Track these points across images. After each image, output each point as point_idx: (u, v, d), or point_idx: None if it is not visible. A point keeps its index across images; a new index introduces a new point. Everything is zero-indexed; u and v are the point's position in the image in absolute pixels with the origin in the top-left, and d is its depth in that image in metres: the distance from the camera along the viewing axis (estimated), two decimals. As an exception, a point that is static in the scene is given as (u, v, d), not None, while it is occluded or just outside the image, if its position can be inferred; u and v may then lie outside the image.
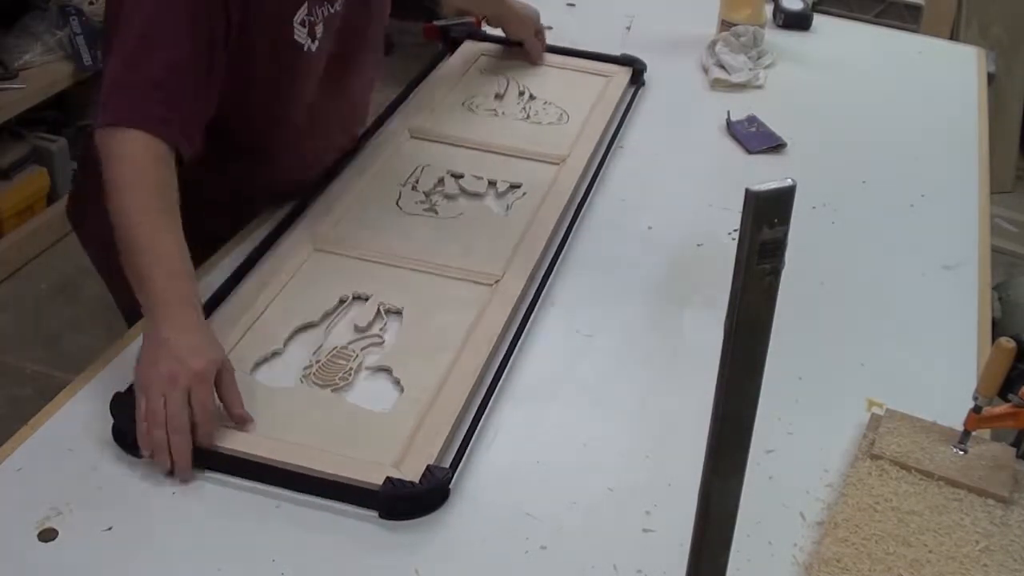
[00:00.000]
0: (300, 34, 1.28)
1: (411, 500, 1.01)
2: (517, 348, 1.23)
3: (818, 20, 2.15)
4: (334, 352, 1.19)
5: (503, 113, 1.71)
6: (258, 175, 1.40)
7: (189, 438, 1.03)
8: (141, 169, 1.13)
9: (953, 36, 3.27)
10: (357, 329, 1.23)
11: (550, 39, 1.97)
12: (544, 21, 2.06)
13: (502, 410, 1.15)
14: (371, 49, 1.48)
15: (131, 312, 1.32)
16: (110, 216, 1.12)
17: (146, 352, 1.07)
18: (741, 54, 1.91)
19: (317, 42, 1.31)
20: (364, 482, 1.01)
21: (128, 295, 1.13)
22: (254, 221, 1.42)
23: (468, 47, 1.89)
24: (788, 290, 0.63)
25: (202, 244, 1.37)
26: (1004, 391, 1.06)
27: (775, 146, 1.68)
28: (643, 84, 1.85)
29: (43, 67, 2.86)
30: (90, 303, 2.74)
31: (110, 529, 0.98)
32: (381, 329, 1.24)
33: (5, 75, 2.79)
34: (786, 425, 1.15)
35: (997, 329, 1.58)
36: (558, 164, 1.56)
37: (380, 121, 1.64)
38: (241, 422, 1.07)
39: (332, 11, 1.33)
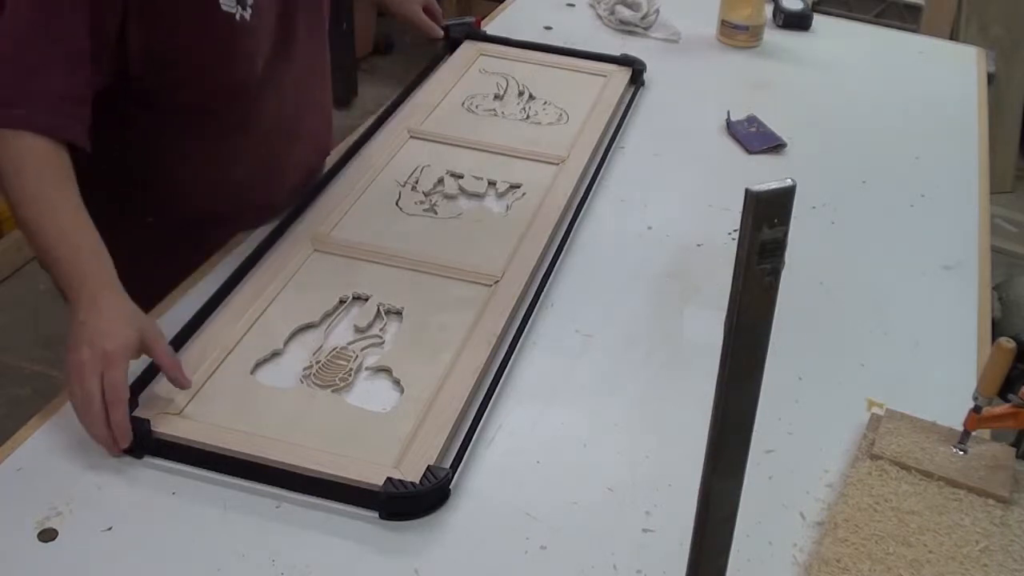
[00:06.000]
0: (227, 3, 1.24)
1: (411, 500, 1.01)
2: (517, 348, 1.23)
3: (818, 20, 2.16)
4: (334, 352, 1.19)
5: (503, 113, 1.71)
6: (239, 149, 1.37)
7: (104, 423, 1.02)
8: (29, 165, 1.11)
9: (953, 36, 3.28)
10: (357, 329, 1.23)
11: (550, 39, 1.97)
12: (544, 21, 2.07)
13: (502, 410, 1.15)
14: (315, 13, 1.41)
15: None
16: (10, 208, 1.11)
17: (68, 335, 1.06)
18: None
19: (249, 10, 1.26)
20: (364, 482, 1.01)
21: None
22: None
23: (468, 47, 1.90)
24: (788, 290, 0.63)
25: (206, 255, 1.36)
26: (1004, 391, 1.06)
27: (775, 146, 1.68)
28: (643, 84, 1.85)
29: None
30: (90, 303, 2.73)
31: (110, 529, 0.98)
32: (381, 329, 1.24)
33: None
34: (786, 425, 1.15)
35: (997, 329, 1.58)
36: (558, 164, 1.56)
37: (380, 121, 1.64)
38: (177, 385, 1.08)
39: None
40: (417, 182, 1.50)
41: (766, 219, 0.58)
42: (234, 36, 1.26)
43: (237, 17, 1.25)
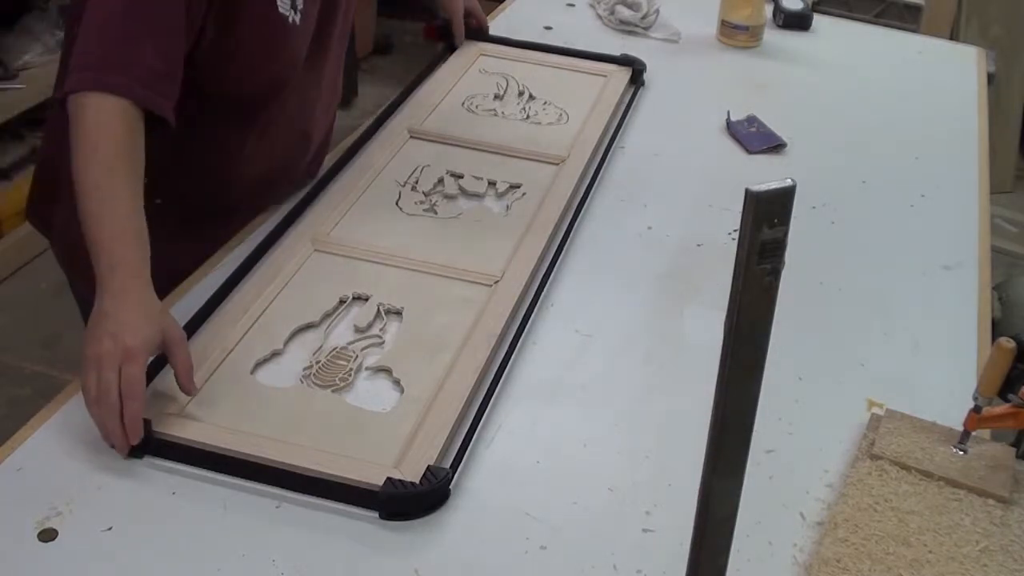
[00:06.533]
0: (283, 6, 1.28)
1: (411, 500, 1.01)
2: (517, 348, 1.23)
3: (818, 20, 2.16)
4: (334, 352, 1.19)
5: (503, 113, 1.71)
6: (261, 146, 1.39)
7: (117, 416, 1.02)
8: (108, 132, 1.11)
9: (953, 36, 3.28)
10: (357, 329, 1.23)
11: (550, 39, 1.97)
12: (544, 21, 2.07)
13: (502, 410, 1.15)
14: (344, 24, 1.48)
15: (89, 310, 1.33)
16: (73, 180, 1.10)
17: (90, 323, 1.06)
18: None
19: (300, 15, 1.31)
20: (364, 482, 1.01)
21: (88, 287, 1.12)
22: (254, 221, 1.42)
23: (468, 47, 1.90)
24: (788, 290, 0.63)
25: (206, 246, 1.37)
26: (1004, 391, 1.06)
27: (775, 146, 1.68)
28: (643, 84, 1.85)
29: (43, 67, 2.86)
30: (90, 303, 2.74)
31: (110, 529, 0.98)
32: (381, 329, 1.24)
33: (5, 75, 2.79)
34: (786, 425, 1.15)
35: (997, 329, 1.58)
36: (558, 164, 1.56)
37: (380, 121, 1.65)
38: (184, 391, 1.08)
39: None
40: (417, 182, 1.50)
41: (766, 219, 0.58)
42: (285, 38, 1.31)
43: (290, 20, 1.29)
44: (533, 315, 1.28)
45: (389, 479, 1.01)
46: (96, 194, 1.09)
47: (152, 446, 1.05)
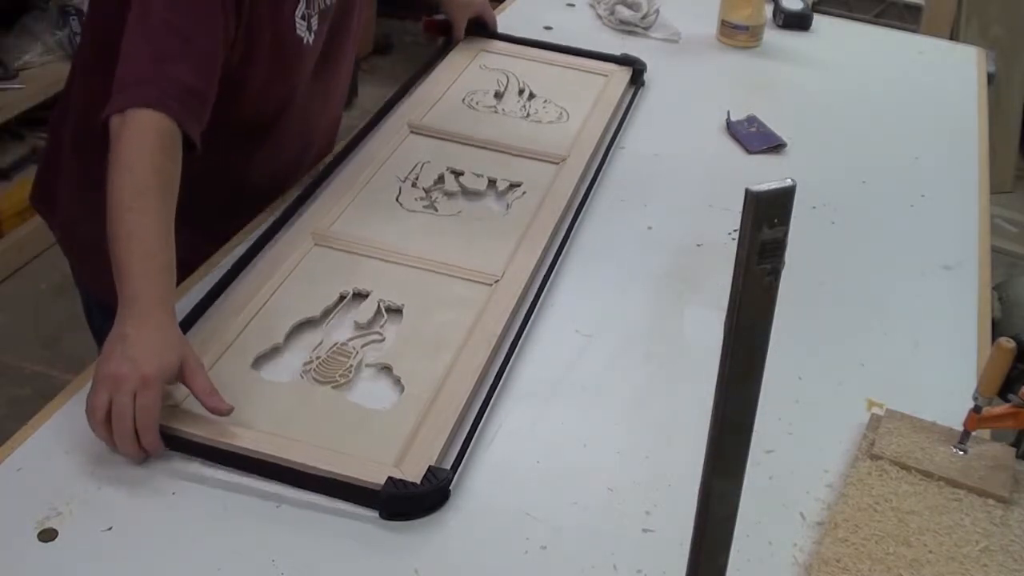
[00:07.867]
0: (300, 28, 1.31)
1: (412, 501, 1.01)
2: (517, 348, 1.23)
3: (818, 20, 2.16)
4: (334, 348, 1.19)
5: (503, 111, 1.71)
6: (265, 155, 1.42)
7: (132, 438, 1.02)
8: (146, 152, 1.11)
9: (953, 36, 3.28)
10: (357, 326, 1.23)
11: (550, 38, 1.97)
12: (544, 21, 2.07)
13: (502, 410, 1.15)
14: (352, 42, 1.50)
15: (89, 297, 1.34)
16: (106, 198, 1.10)
17: (107, 343, 1.06)
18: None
19: (313, 35, 1.34)
20: (365, 481, 1.01)
21: (88, 275, 1.12)
22: (254, 220, 1.42)
23: (468, 43, 1.89)
24: (788, 290, 0.63)
25: (204, 240, 1.38)
26: (1004, 391, 1.06)
27: (775, 146, 1.68)
28: (643, 84, 1.85)
29: (43, 67, 2.86)
30: (90, 303, 2.74)
31: (110, 529, 0.98)
32: (381, 326, 1.24)
33: (5, 75, 2.80)
34: (786, 425, 1.15)
35: (997, 329, 1.58)
36: (558, 163, 1.56)
37: (380, 116, 1.64)
38: (216, 413, 1.06)
39: (325, 5, 1.37)
40: (417, 178, 1.50)
41: (766, 219, 0.58)
42: (299, 58, 1.35)
43: (304, 42, 1.33)
44: (533, 315, 1.28)
45: (390, 479, 1.01)
46: (127, 216, 1.09)
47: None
